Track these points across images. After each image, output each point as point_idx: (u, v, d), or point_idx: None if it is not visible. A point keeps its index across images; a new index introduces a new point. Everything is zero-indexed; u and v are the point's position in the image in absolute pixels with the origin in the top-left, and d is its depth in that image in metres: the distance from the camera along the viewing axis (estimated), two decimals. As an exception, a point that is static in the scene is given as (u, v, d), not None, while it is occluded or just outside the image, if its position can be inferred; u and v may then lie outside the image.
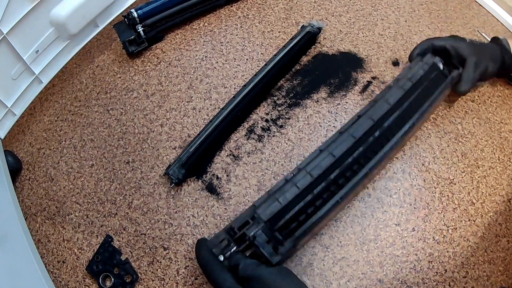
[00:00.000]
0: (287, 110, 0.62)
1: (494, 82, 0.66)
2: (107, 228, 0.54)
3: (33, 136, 0.63)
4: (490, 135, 0.60)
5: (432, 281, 0.49)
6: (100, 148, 0.61)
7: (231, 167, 0.58)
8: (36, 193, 0.58)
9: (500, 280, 0.50)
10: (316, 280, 0.49)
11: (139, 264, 0.51)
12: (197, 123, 0.62)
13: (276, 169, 0.57)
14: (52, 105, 0.66)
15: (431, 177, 0.56)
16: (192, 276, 0.50)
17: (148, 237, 0.53)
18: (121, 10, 0.74)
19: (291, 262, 0.51)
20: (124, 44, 0.67)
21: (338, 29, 0.71)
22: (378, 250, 0.51)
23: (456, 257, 0.51)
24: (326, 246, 0.51)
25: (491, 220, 0.53)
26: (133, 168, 0.59)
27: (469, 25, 0.73)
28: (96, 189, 0.57)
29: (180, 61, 0.69)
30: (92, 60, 0.71)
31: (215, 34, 0.72)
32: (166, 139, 0.61)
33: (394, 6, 0.75)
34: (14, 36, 0.57)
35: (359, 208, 0.54)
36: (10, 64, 0.60)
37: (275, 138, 0.60)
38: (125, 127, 0.62)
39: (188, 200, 0.55)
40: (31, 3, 0.58)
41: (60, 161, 0.60)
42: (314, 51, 0.69)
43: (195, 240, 0.52)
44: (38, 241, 0.54)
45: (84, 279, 0.51)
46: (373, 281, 0.49)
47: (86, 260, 0.52)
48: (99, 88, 0.67)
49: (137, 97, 0.65)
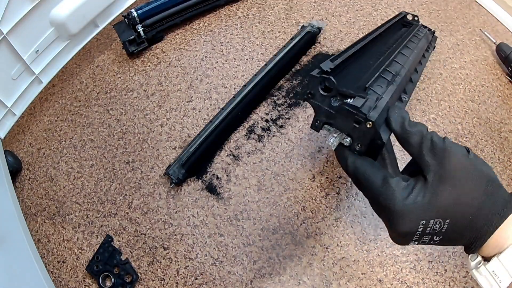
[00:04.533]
0: (287, 110, 0.62)
1: (494, 82, 0.66)
2: (107, 228, 0.54)
3: (33, 136, 0.63)
4: (490, 135, 0.60)
5: (432, 281, 0.49)
6: (100, 148, 0.61)
7: (231, 167, 0.58)
8: (36, 193, 0.58)
9: (500, 280, 0.50)
10: (316, 280, 0.49)
11: (139, 264, 0.51)
12: (197, 123, 0.62)
13: (276, 169, 0.57)
14: (52, 105, 0.66)
15: (431, 177, 0.56)
16: (192, 276, 0.50)
17: (148, 237, 0.53)
18: (121, 10, 0.74)
19: (291, 262, 0.51)
20: (124, 44, 0.67)
21: (338, 29, 0.71)
22: (378, 250, 0.51)
23: (456, 257, 0.51)
24: (326, 246, 0.51)
25: (491, 220, 0.53)
26: (133, 168, 0.58)
27: (469, 25, 0.73)
28: (96, 189, 0.57)
29: (180, 61, 0.69)
30: (92, 60, 0.71)
31: (215, 34, 0.72)
32: (166, 139, 0.61)
33: (394, 6, 0.75)
34: (14, 36, 0.57)
35: (359, 208, 0.54)
36: (10, 64, 0.60)
37: (275, 138, 0.60)
38: (125, 127, 0.62)
39: (188, 200, 0.55)
40: (31, 3, 0.58)
41: (60, 161, 0.60)
42: (314, 51, 0.69)
43: (195, 240, 0.52)
44: (38, 241, 0.54)
45: (84, 279, 0.51)
46: (373, 281, 0.49)
47: (86, 260, 0.52)
48: (99, 88, 0.67)
49: (137, 97, 0.65)
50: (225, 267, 0.51)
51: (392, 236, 0.30)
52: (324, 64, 0.34)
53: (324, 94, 0.32)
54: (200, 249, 0.52)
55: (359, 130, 0.31)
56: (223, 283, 0.50)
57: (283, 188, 0.56)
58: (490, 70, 0.68)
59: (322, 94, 0.32)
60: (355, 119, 0.30)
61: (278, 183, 0.56)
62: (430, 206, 0.27)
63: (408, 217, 0.27)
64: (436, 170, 0.28)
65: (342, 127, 0.32)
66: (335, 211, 0.54)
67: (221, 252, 0.52)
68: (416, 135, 0.29)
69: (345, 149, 0.32)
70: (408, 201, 0.28)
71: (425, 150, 0.28)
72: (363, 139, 0.31)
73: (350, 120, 0.31)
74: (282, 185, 0.56)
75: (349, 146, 0.32)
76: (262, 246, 0.52)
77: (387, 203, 0.28)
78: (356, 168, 0.31)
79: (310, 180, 0.56)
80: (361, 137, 0.31)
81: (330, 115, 0.32)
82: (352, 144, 0.31)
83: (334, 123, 0.32)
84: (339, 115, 0.31)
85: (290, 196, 0.55)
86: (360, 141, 0.31)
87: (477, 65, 0.69)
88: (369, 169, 0.30)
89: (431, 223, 0.28)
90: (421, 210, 0.27)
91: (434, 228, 0.28)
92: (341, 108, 0.31)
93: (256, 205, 0.55)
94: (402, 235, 0.28)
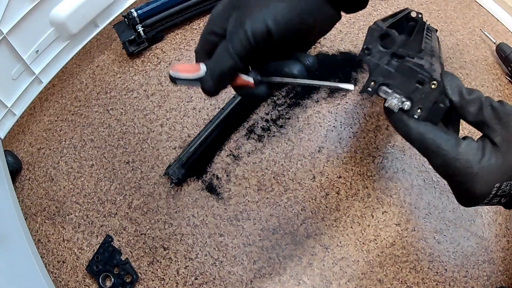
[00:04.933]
0: (287, 110, 0.62)
1: (494, 82, 0.66)
2: (107, 228, 0.54)
3: (33, 136, 0.63)
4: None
5: (432, 281, 0.49)
6: (100, 148, 0.61)
7: (231, 167, 0.58)
8: (36, 193, 0.58)
9: (500, 280, 0.50)
10: (316, 280, 0.49)
11: (139, 264, 0.51)
12: (197, 123, 0.62)
13: (276, 169, 0.57)
14: (52, 105, 0.66)
15: (431, 177, 0.56)
16: (192, 276, 0.50)
17: (148, 237, 0.53)
18: (121, 10, 0.74)
19: (291, 262, 0.51)
20: (124, 44, 0.67)
21: (338, 29, 0.71)
22: (378, 250, 0.51)
23: (456, 257, 0.51)
24: (326, 246, 0.51)
25: (490, 220, 0.53)
26: (133, 168, 0.58)
27: (469, 25, 0.73)
28: (96, 189, 0.57)
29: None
30: (92, 60, 0.70)
31: (215, 34, 0.72)
32: (166, 139, 0.61)
33: (394, 6, 0.75)
34: (14, 36, 0.57)
35: (359, 208, 0.54)
36: (10, 64, 0.60)
37: (275, 138, 0.60)
38: (125, 127, 0.62)
39: (188, 200, 0.55)
40: (31, 3, 0.58)
41: (60, 161, 0.60)
42: (314, 51, 0.69)
43: (195, 240, 0.52)
44: (38, 241, 0.54)
45: (84, 279, 0.51)
46: (373, 281, 0.49)
47: (86, 260, 0.52)
48: (99, 88, 0.67)
49: (137, 97, 0.65)
50: (225, 267, 0.51)
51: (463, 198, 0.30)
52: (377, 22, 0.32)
53: (383, 50, 0.29)
54: (200, 249, 0.52)
55: (421, 92, 0.28)
56: (223, 283, 0.50)
57: (283, 188, 0.56)
58: (490, 70, 0.68)
59: (381, 50, 0.30)
60: (419, 79, 0.28)
61: (278, 183, 0.56)
62: (503, 168, 0.28)
63: (485, 179, 0.28)
64: (503, 134, 0.28)
65: (402, 88, 0.29)
66: (335, 211, 0.54)
67: (221, 252, 0.52)
68: (475, 103, 0.29)
69: (404, 114, 0.29)
70: (483, 163, 0.28)
71: (487, 117, 0.28)
72: (425, 102, 0.28)
73: (412, 81, 0.28)
74: (282, 185, 0.56)
75: (408, 110, 0.29)
76: (262, 246, 0.52)
77: (464, 166, 0.28)
78: (421, 134, 0.29)
79: (310, 180, 0.56)
80: (422, 99, 0.28)
81: (389, 75, 0.29)
82: (411, 108, 0.29)
83: (392, 84, 0.29)
84: (400, 74, 0.29)
85: (290, 196, 0.55)
86: (421, 104, 0.29)
87: (477, 65, 0.69)
88: (437, 134, 0.29)
89: (504, 185, 0.28)
90: (496, 172, 0.28)
91: (505, 190, 0.28)
92: (403, 67, 0.28)
93: (256, 205, 0.55)
94: (477, 197, 0.29)
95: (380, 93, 0.30)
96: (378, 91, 0.30)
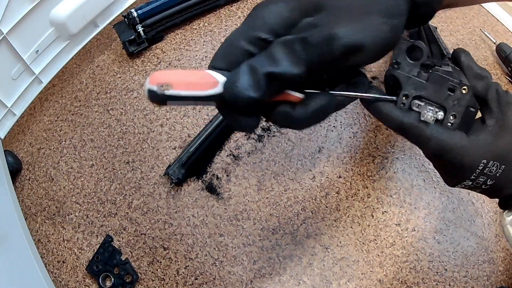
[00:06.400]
0: (287, 110, 0.62)
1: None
2: (107, 228, 0.54)
3: (33, 136, 0.63)
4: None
5: (432, 281, 0.49)
6: (100, 148, 0.61)
7: (231, 167, 0.58)
8: (36, 193, 0.58)
9: (500, 280, 0.50)
10: (316, 280, 0.49)
11: (139, 264, 0.51)
12: (197, 123, 0.62)
13: (276, 169, 0.57)
14: (52, 105, 0.66)
15: (431, 177, 0.56)
16: (192, 276, 0.50)
17: (148, 237, 0.53)
18: (121, 10, 0.74)
19: (291, 262, 0.51)
20: (124, 44, 0.67)
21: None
22: (378, 250, 0.51)
23: (456, 257, 0.51)
24: (326, 246, 0.51)
25: (490, 220, 0.53)
26: (133, 168, 0.58)
27: (469, 25, 0.73)
28: (96, 189, 0.57)
29: (180, 61, 0.69)
30: (92, 60, 0.71)
31: (215, 34, 0.72)
32: (166, 139, 0.61)
33: (394, 6, 0.75)
34: (14, 36, 0.57)
35: (359, 208, 0.54)
36: (10, 64, 0.59)
37: (275, 138, 0.60)
38: (125, 127, 0.62)
39: (188, 200, 0.55)
40: (31, 3, 0.58)
41: (60, 161, 0.60)
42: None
43: (195, 240, 0.52)
44: (38, 241, 0.54)
45: (84, 279, 0.51)
46: (373, 281, 0.49)
47: (86, 260, 0.52)
48: (99, 88, 0.67)
49: (137, 97, 0.65)
50: (225, 267, 0.51)
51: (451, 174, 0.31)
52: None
53: (412, 63, 0.29)
54: (200, 249, 0.52)
55: (453, 99, 0.29)
56: (223, 283, 0.50)
57: (283, 188, 0.56)
58: (490, 70, 0.68)
59: (410, 63, 0.29)
60: (449, 86, 0.29)
61: (278, 183, 0.56)
62: (493, 147, 0.29)
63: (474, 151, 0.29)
64: (499, 118, 0.29)
65: (434, 98, 0.29)
66: (335, 211, 0.54)
67: (221, 252, 0.52)
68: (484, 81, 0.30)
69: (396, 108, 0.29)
70: (472, 137, 0.29)
71: (490, 97, 0.30)
72: (458, 108, 0.29)
73: (444, 89, 0.29)
74: (282, 185, 0.56)
75: (442, 120, 0.29)
76: (262, 246, 0.52)
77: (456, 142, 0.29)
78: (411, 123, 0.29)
79: (310, 180, 0.56)
80: (455, 106, 0.29)
81: (421, 86, 0.29)
82: (445, 117, 0.29)
83: (424, 95, 0.29)
84: (431, 84, 0.29)
85: (290, 196, 0.55)
86: (454, 111, 0.29)
87: (477, 65, 0.69)
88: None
89: (490, 164, 0.29)
90: (485, 148, 0.29)
91: (491, 170, 0.29)
92: (434, 76, 0.29)
93: (256, 205, 0.55)
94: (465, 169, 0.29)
95: (413, 107, 0.29)
96: (412, 105, 0.29)
